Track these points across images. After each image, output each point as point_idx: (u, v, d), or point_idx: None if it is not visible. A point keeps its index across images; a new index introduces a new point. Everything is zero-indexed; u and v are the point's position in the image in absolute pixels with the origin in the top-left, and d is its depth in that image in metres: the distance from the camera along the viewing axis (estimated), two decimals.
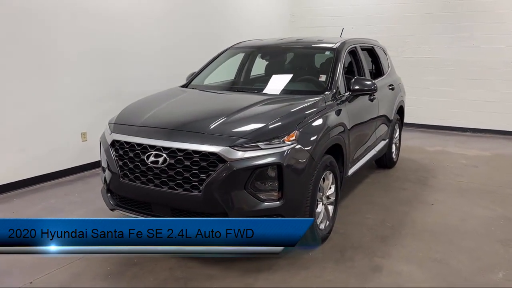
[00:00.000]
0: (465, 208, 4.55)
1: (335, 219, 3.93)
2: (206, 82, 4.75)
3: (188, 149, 3.07)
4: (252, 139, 3.06)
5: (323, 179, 3.59)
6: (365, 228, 4.02)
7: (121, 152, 3.36)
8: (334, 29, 9.45)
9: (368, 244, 3.69)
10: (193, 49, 7.07)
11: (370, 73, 5.71)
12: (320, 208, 3.57)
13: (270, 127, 3.18)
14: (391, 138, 5.76)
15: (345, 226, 4.03)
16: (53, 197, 4.75)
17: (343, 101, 4.04)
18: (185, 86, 4.59)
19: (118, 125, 3.54)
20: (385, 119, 5.38)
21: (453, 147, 7.43)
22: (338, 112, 3.84)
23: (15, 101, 4.80)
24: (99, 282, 3.08)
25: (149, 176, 3.21)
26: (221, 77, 5.00)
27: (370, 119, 4.69)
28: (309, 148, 3.24)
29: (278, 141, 3.11)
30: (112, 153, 3.42)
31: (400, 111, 6.16)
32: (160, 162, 3.13)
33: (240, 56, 5.03)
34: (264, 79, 4.58)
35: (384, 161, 5.88)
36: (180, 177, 3.09)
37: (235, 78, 5.12)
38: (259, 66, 4.91)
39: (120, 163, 3.37)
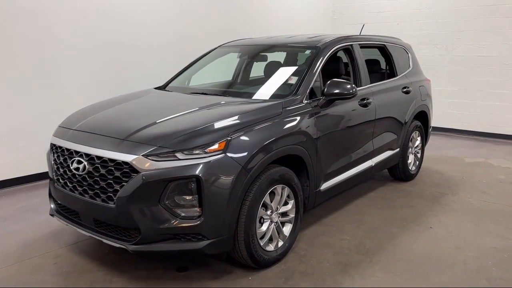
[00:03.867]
0: (470, 235, 3.85)
1: (296, 238, 3.50)
2: (192, 83, 4.51)
3: (104, 157, 2.85)
4: (169, 148, 2.76)
5: (273, 194, 3.19)
6: (333, 251, 3.52)
7: (55, 156, 3.25)
8: (377, 26, 8.87)
9: (324, 270, 3.21)
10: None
11: (383, 74, 5.16)
12: (266, 226, 3.17)
13: (194, 134, 2.84)
14: (406, 148, 5.10)
15: (310, 248, 3.57)
16: (38, 196, 4.81)
17: (315, 107, 3.59)
18: (162, 87, 4.39)
19: (60, 128, 3.43)
20: (392, 126, 4.77)
21: (499, 159, 6.47)
22: (300, 119, 3.40)
23: (13, 100, 4.94)
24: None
25: (74, 183, 3.05)
26: (221, 78, 4.71)
27: (360, 126, 4.14)
28: (242, 159, 2.86)
29: (201, 151, 2.77)
30: (50, 156, 3.32)
31: (422, 117, 5.45)
32: (80, 169, 2.95)
33: (232, 55, 4.71)
34: (237, 81, 4.23)
35: (398, 173, 5.24)
36: (98, 187, 2.89)
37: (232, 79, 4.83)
38: (244, 67, 4.56)
39: (55, 167, 3.25)
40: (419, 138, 5.47)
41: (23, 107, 5.04)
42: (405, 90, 5.00)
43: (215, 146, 2.79)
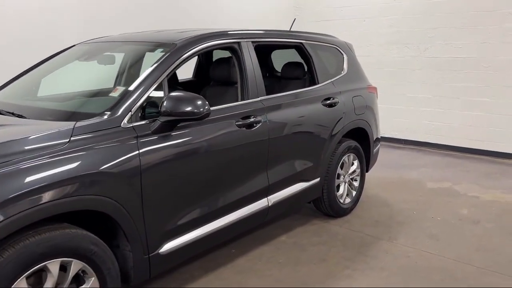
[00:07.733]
0: None
1: None
2: (45, 92, 3.38)
3: None
4: None
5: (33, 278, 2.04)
6: None
7: None
8: (342, 23, 7.69)
9: None
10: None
11: (305, 80, 4.01)
12: None
13: None
14: (332, 176, 3.92)
15: None
16: None
17: (147, 133, 2.44)
18: None
19: None
20: (304, 151, 3.61)
21: (469, 183, 5.24)
22: (107, 153, 2.24)
23: None
24: None
25: None
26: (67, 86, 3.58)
27: (239, 155, 2.98)
28: None
29: None
30: None
31: (360, 135, 4.27)
32: None
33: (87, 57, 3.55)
34: (63, 93, 3.09)
35: (324, 208, 4.06)
36: None
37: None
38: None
39: None
40: (355, 162, 4.27)
41: None
42: (328, 102, 3.82)
43: None
